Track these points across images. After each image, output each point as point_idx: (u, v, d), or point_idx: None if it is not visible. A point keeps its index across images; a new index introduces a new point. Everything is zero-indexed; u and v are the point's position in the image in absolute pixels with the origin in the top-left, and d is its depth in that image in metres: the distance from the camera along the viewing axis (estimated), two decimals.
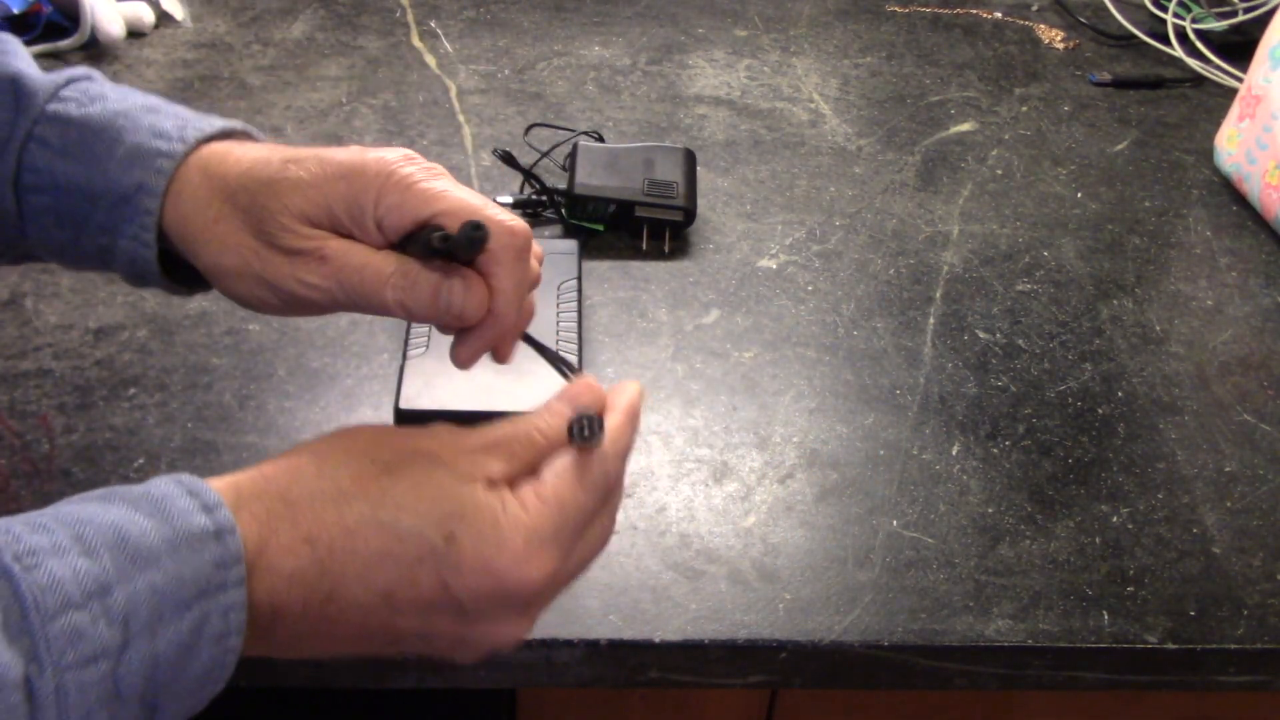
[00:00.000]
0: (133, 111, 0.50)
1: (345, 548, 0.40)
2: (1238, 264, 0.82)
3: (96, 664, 0.35)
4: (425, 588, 0.40)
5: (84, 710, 0.35)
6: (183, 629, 0.37)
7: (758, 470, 0.64)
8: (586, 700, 0.67)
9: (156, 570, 0.37)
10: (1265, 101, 0.84)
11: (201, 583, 0.37)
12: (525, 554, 0.41)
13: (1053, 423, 0.68)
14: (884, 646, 0.56)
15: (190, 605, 0.37)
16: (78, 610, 0.35)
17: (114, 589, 0.36)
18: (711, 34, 1.03)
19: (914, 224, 0.83)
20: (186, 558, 0.37)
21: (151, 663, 0.36)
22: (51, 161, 0.49)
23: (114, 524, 0.37)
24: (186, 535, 0.37)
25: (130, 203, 0.49)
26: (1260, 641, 0.58)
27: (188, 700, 0.38)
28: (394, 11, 1.03)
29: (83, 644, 0.35)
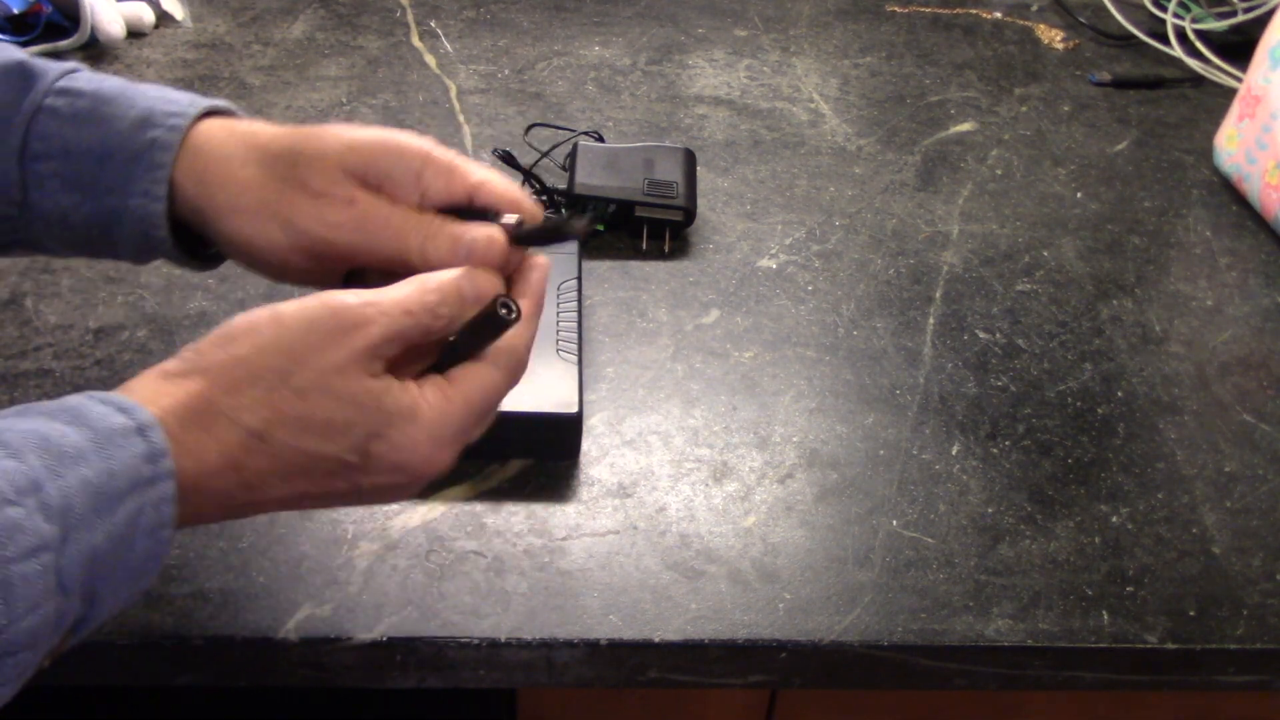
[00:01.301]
0: (140, 86, 0.53)
1: (267, 470, 0.43)
2: (1238, 264, 0.82)
3: (38, 556, 0.36)
4: (338, 490, 0.45)
5: (30, 602, 0.36)
6: (118, 521, 0.38)
7: (758, 470, 0.64)
8: (586, 700, 0.67)
9: (85, 466, 0.38)
10: (1265, 101, 0.84)
11: (132, 475, 0.39)
12: (431, 453, 0.46)
13: (1053, 423, 0.68)
14: (884, 646, 0.56)
15: (124, 498, 0.39)
16: (13, 505, 0.36)
17: (45, 485, 0.37)
18: (711, 34, 1.03)
19: (914, 224, 0.83)
20: (114, 453, 0.39)
21: (90, 555, 0.38)
22: (62, 128, 0.51)
23: (34, 429, 0.38)
24: (109, 433, 0.39)
25: (142, 160, 0.51)
26: (1260, 641, 0.58)
27: (123, 591, 0.40)
28: (394, 11, 1.03)
29: (22, 537, 0.36)
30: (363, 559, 0.57)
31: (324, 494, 0.45)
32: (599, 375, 0.69)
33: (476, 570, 0.57)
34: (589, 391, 0.67)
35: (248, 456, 0.43)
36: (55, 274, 0.73)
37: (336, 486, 0.45)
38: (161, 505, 0.40)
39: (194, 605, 0.55)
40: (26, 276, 0.72)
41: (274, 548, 0.58)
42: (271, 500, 0.44)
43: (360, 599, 0.56)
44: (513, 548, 0.59)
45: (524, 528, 0.60)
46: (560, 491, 0.62)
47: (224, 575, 0.56)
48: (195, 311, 0.71)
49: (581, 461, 0.63)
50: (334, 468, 0.44)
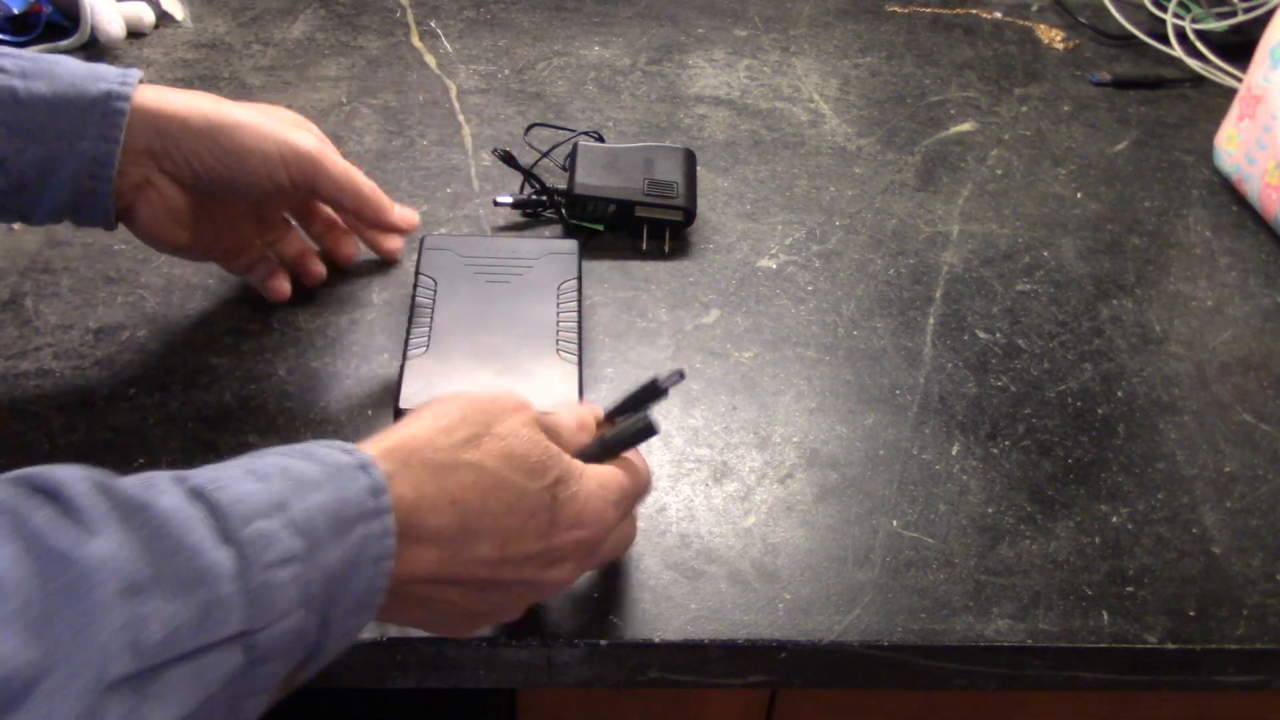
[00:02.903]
0: (72, 59, 0.60)
1: (480, 506, 0.46)
2: (1238, 264, 0.82)
3: (288, 566, 0.39)
4: (532, 538, 0.47)
5: (282, 610, 0.39)
6: (350, 545, 0.41)
7: (758, 470, 0.64)
8: (586, 700, 0.67)
9: (321, 492, 0.41)
10: (1265, 101, 0.84)
11: (359, 506, 0.42)
12: (603, 509, 0.50)
13: (1053, 423, 0.68)
14: (884, 646, 0.57)
15: (354, 525, 0.41)
16: (266, 519, 0.39)
17: (291, 505, 0.40)
18: (711, 34, 1.03)
19: (914, 224, 0.83)
20: (343, 484, 0.42)
21: (328, 574, 0.40)
22: (10, 81, 0.56)
23: (276, 461, 0.42)
24: (338, 467, 0.42)
25: (97, 106, 0.57)
26: (1260, 641, 0.58)
27: (350, 623, 0.42)
28: (394, 11, 1.03)
29: (276, 547, 0.39)
30: None
31: (524, 537, 0.47)
32: (599, 375, 0.69)
33: None
34: (589, 391, 0.67)
35: (462, 489, 0.46)
36: (55, 274, 0.73)
37: (536, 525, 0.47)
38: (385, 538, 0.42)
39: None
40: (27, 277, 0.72)
41: None
42: (482, 554, 0.46)
43: None
44: None
45: None
46: None
47: None
48: (195, 311, 0.71)
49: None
50: (534, 507, 0.47)
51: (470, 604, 0.48)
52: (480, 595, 0.48)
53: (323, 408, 0.65)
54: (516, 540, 0.47)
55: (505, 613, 0.50)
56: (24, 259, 0.74)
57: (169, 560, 0.37)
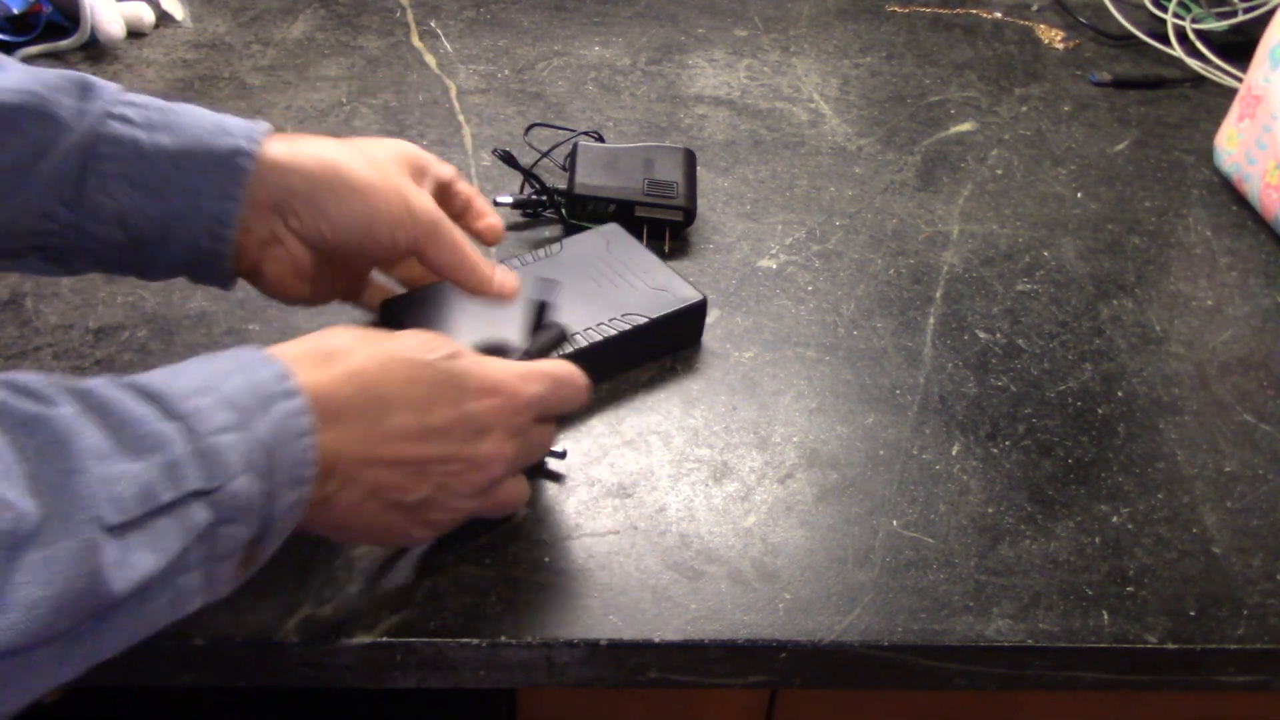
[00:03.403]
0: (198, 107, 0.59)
1: (383, 376, 0.50)
2: (1238, 264, 0.82)
3: (228, 433, 0.43)
4: (446, 405, 0.51)
5: (231, 470, 0.43)
6: (274, 419, 0.45)
7: (758, 470, 0.64)
8: (586, 700, 0.67)
9: (239, 376, 0.45)
10: (1265, 101, 0.84)
11: (272, 387, 0.46)
12: (519, 377, 0.53)
13: (1053, 423, 0.68)
14: (884, 646, 0.56)
15: (273, 402, 0.45)
16: (200, 396, 0.43)
17: (217, 387, 0.44)
18: (711, 34, 1.03)
19: (914, 224, 0.83)
20: (253, 370, 0.46)
21: (261, 444, 0.44)
22: (134, 132, 0.55)
23: (190, 362, 0.46)
24: (245, 360, 0.46)
25: (224, 165, 0.56)
26: (1260, 641, 0.58)
27: (289, 494, 0.46)
28: (394, 11, 1.03)
29: (214, 417, 0.43)
30: (363, 559, 0.57)
31: (437, 404, 0.51)
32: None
33: (477, 570, 0.57)
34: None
35: (362, 362, 0.49)
36: None
37: (444, 393, 0.51)
38: (301, 415, 0.46)
39: None
40: (27, 277, 0.72)
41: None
42: (400, 424, 0.50)
43: (360, 599, 0.56)
44: (513, 548, 0.59)
45: (524, 528, 0.60)
46: (560, 491, 0.62)
47: None
48: (195, 311, 0.71)
49: (581, 461, 0.63)
50: (436, 375, 0.51)
51: (413, 489, 0.51)
52: (419, 476, 0.51)
53: None
54: (432, 408, 0.50)
55: (456, 498, 0.53)
56: None
57: (122, 431, 0.41)
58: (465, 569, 0.57)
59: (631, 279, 0.70)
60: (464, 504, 0.54)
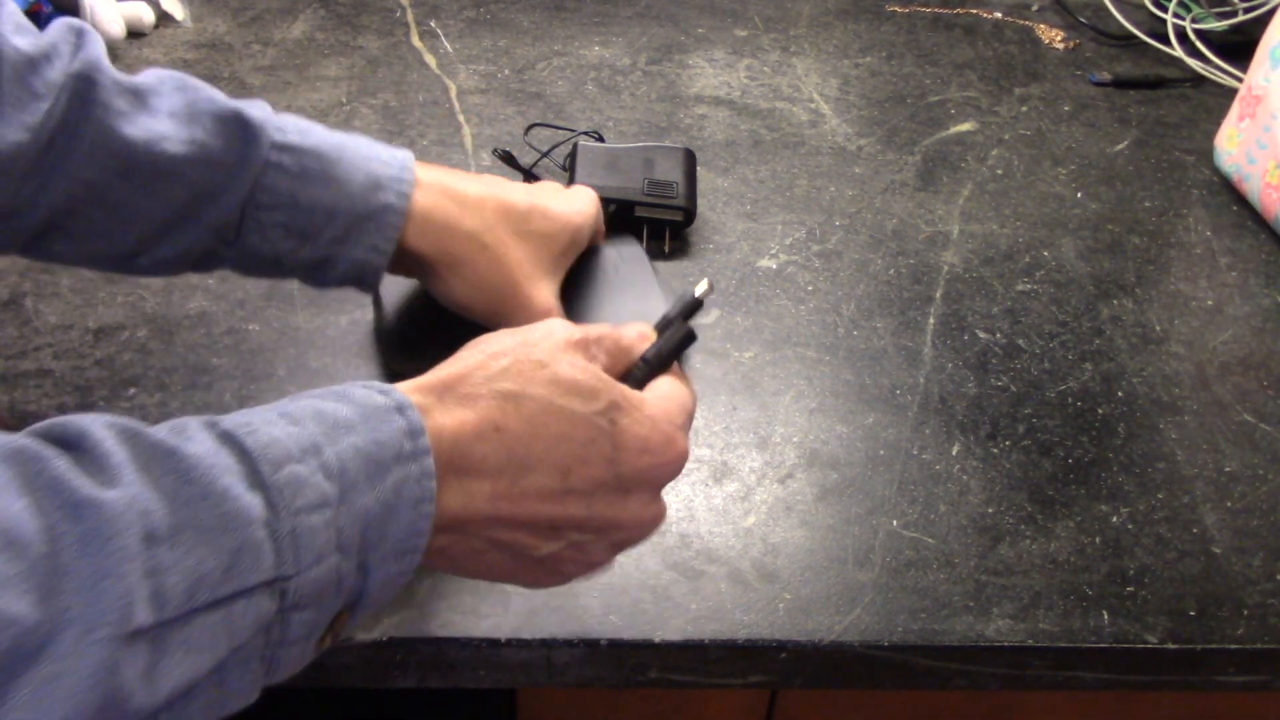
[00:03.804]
0: (348, 141, 0.60)
1: (529, 433, 0.44)
2: (1238, 264, 0.82)
3: (321, 511, 0.38)
4: (595, 465, 0.45)
5: (315, 554, 0.38)
6: (386, 489, 0.40)
7: (758, 470, 0.64)
8: (586, 700, 0.67)
9: (355, 435, 0.40)
10: (1265, 101, 0.84)
11: (395, 448, 0.41)
12: (669, 430, 0.47)
13: (1053, 423, 0.68)
14: (884, 646, 0.56)
15: (390, 468, 0.41)
16: (297, 463, 0.38)
17: (324, 448, 0.39)
18: (711, 34, 1.03)
19: (914, 224, 0.83)
20: (378, 426, 0.41)
21: (364, 518, 0.40)
22: (290, 184, 0.57)
23: (310, 404, 0.41)
24: (373, 409, 0.42)
25: (374, 220, 0.58)
26: (1260, 641, 0.58)
27: (391, 568, 0.41)
28: (394, 11, 1.03)
29: (308, 492, 0.38)
30: None
31: (586, 465, 0.45)
32: None
33: None
34: None
35: (505, 417, 0.44)
36: (55, 274, 0.73)
37: (597, 452, 0.45)
38: (424, 479, 0.42)
39: None
40: (26, 277, 0.72)
41: None
42: (539, 485, 0.45)
43: None
44: None
45: None
46: None
47: None
48: (195, 311, 0.71)
49: None
50: (591, 433, 0.45)
51: (544, 546, 0.46)
52: (552, 535, 0.46)
53: None
54: (579, 468, 0.45)
55: (590, 554, 0.48)
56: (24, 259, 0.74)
57: (194, 507, 0.36)
58: None
59: (622, 300, 0.70)
60: (601, 557, 0.49)
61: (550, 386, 0.45)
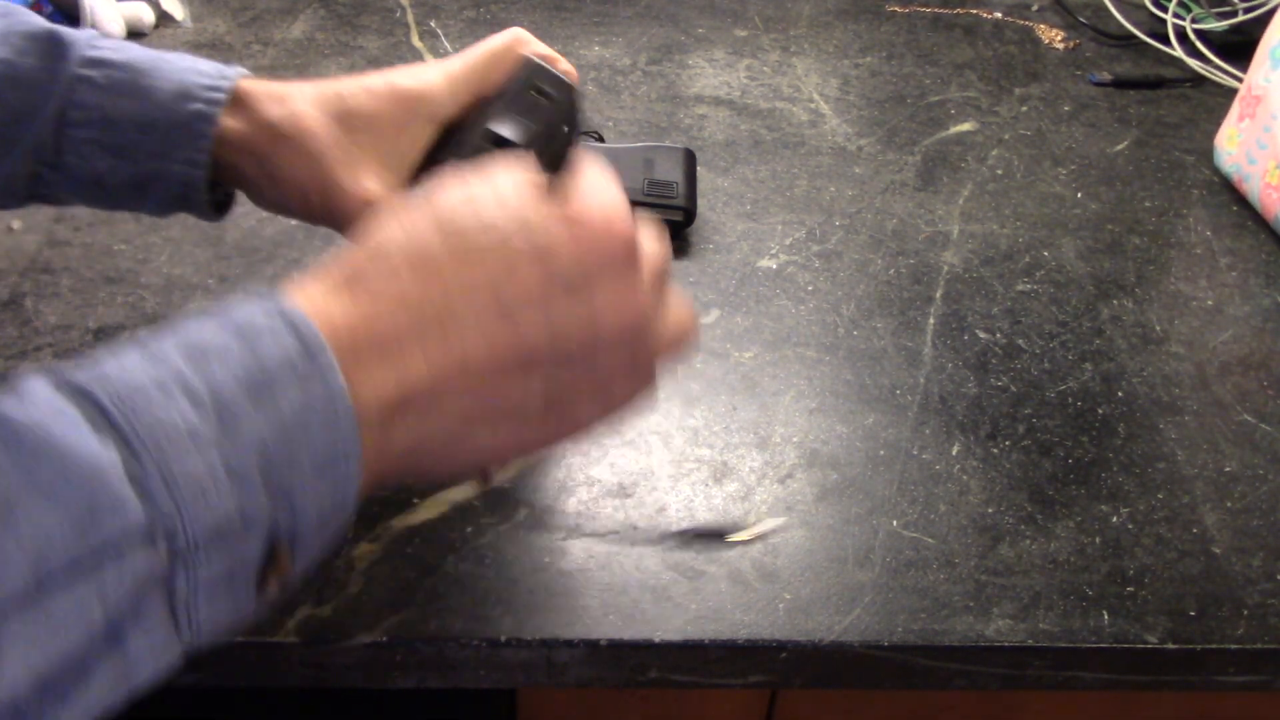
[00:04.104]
0: (167, 56, 0.57)
1: (438, 279, 0.39)
2: (1238, 264, 0.82)
3: (194, 446, 0.34)
4: (524, 272, 0.39)
5: (196, 492, 0.34)
6: (280, 408, 0.36)
7: (758, 470, 0.64)
8: (586, 700, 0.67)
9: (229, 358, 0.36)
10: (1265, 101, 0.84)
11: (282, 362, 0.36)
12: (604, 207, 0.41)
13: (1053, 423, 0.68)
14: (884, 646, 0.56)
15: (277, 385, 0.36)
16: (155, 401, 0.34)
17: (189, 379, 0.35)
18: (711, 34, 1.03)
19: (914, 224, 0.83)
20: (255, 343, 0.36)
21: (257, 444, 0.35)
22: (100, 98, 0.55)
23: (176, 335, 0.37)
24: (248, 326, 0.37)
25: (185, 129, 0.55)
26: (1260, 641, 0.58)
27: (323, 497, 0.37)
28: (394, 11, 1.03)
29: (171, 429, 0.34)
30: (363, 559, 0.57)
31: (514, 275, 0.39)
32: None
33: (477, 570, 0.57)
34: None
35: (407, 280, 0.39)
36: (55, 274, 0.73)
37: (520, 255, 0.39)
38: (327, 378, 0.37)
39: None
40: (26, 276, 0.72)
41: None
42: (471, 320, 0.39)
43: (360, 599, 0.56)
44: (513, 548, 0.59)
45: (524, 528, 0.60)
46: (560, 491, 0.62)
47: None
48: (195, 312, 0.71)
49: (581, 461, 0.63)
50: (501, 241, 0.39)
51: (524, 391, 0.40)
52: (524, 372, 0.40)
53: None
54: (508, 284, 0.39)
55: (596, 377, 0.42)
56: (24, 259, 0.74)
57: (29, 471, 0.32)
58: (465, 569, 0.57)
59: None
60: (611, 380, 0.42)
61: (442, 215, 0.40)
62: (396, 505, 0.60)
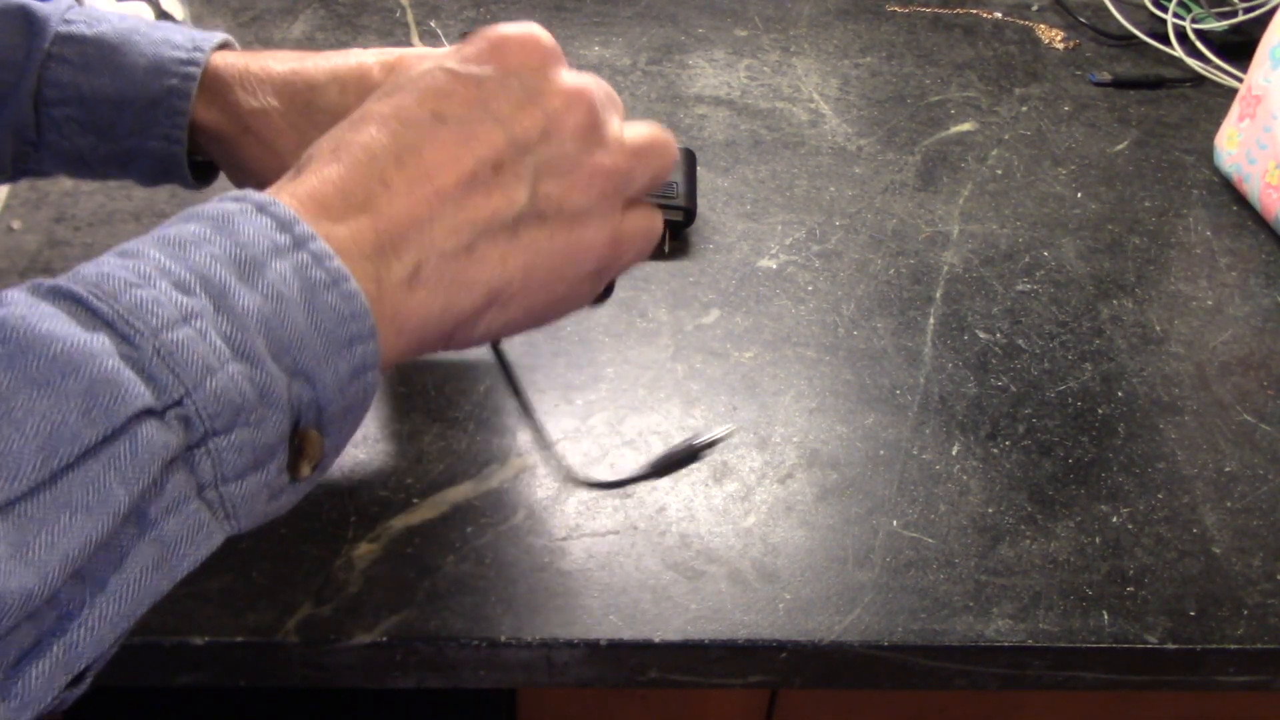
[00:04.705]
0: (139, 28, 0.57)
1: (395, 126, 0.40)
2: (1238, 264, 0.82)
3: (188, 324, 0.33)
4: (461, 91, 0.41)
5: (200, 368, 0.33)
6: (272, 281, 0.35)
7: (758, 470, 0.64)
8: (586, 700, 0.67)
9: (210, 245, 0.35)
10: (1265, 101, 0.84)
11: (266, 243, 0.36)
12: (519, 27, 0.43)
13: (1053, 423, 0.68)
14: (884, 646, 0.56)
15: (265, 262, 0.36)
16: (140, 288, 0.33)
17: (172, 268, 0.34)
18: (711, 34, 1.03)
19: (914, 224, 0.83)
20: (235, 229, 0.36)
21: (259, 318, 0.35)
22: (74, 76, 0.54)
23: (150, 235, 0.36)
24: (224, 216, 0.36)
25: (160, 106, 0.55)
26: (1260, 641, 0.58)
27: (339, 363, 0.36)
28: (394, 11, 1.03)
29: (161, 311, 0.33)
30: (363, 559, 0.57)
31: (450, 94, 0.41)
32: (599, 375, 0.69)
33: (477, 570, 0.57)
34: (590, 392, 0.67)
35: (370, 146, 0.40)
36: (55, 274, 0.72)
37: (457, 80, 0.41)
38: (312, 245, 0.36)
39: (194, 605, 0.55)
40: (26, 276, 0.72)
41: (274, 548, 0.58)
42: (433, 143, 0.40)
43: (360, 599, 0.56)
44: (513, 548, 0.59)
45: (524, 528, 0.60)
46: (560, 491, 0.62)
47: (224, 575, 0.56)
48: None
49: (581, 461, 0.63)
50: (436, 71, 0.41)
51: (509, 194, 0.41)
52: (498, 174, 0.41)
53: None
54: (446, 102, 0.41)
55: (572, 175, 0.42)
56: (24, 259, 0.74)
57: (15, 365, 0.31)
58: (465, 569, 0.57)
59: None
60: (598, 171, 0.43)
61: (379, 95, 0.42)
62: (396, 505, 0.60)
